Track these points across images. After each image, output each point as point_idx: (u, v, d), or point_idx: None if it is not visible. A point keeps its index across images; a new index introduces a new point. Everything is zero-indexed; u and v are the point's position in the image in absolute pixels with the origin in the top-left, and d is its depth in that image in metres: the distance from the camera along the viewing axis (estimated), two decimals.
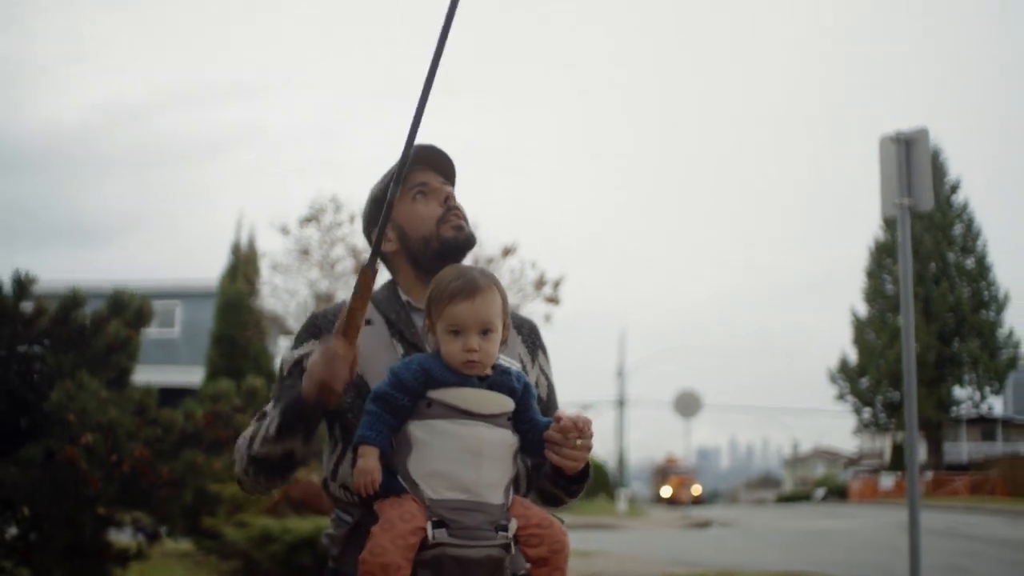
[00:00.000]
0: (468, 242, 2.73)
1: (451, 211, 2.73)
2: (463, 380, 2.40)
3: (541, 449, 2.46)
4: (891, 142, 8.27)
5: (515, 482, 2.47)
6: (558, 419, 2.44)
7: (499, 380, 2.44)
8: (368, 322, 2.60)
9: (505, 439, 2.41)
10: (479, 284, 2.46)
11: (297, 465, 2.52)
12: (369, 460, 2.32)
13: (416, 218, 2.71)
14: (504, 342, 2.50)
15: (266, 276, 21.57)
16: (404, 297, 2.72)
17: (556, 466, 2.48)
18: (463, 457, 2.34)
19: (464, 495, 2.32)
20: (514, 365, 2.53)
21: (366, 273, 2.37)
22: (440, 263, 2.66)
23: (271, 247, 22.46)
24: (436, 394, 2.38)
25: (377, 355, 2.56)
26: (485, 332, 2.43)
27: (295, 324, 24.92)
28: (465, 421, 2.37)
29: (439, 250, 2.70)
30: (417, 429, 2.36)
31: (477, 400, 2.39)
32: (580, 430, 2.43)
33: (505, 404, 2.43)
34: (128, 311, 8.13)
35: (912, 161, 8.21)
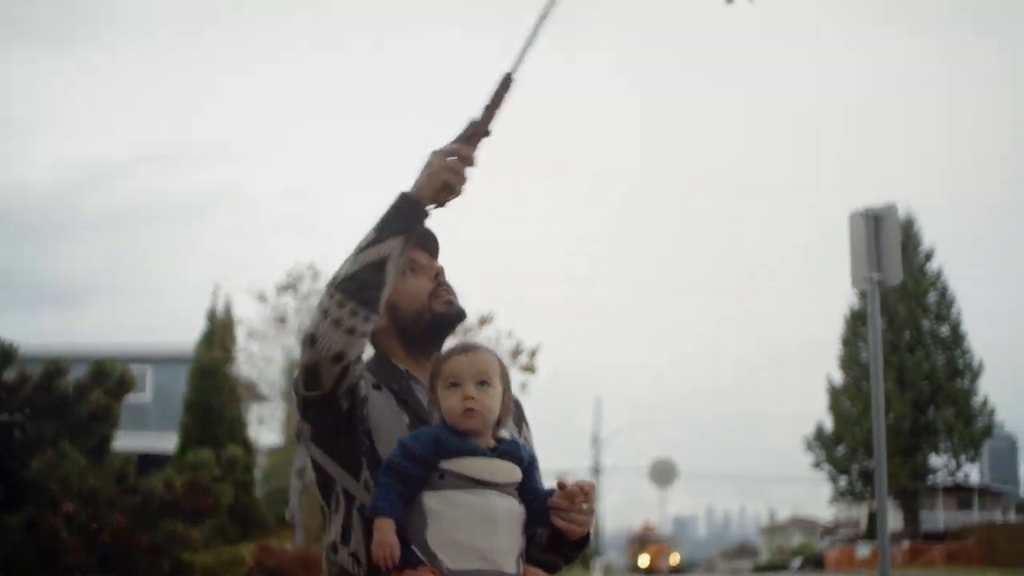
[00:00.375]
0: (459, 316, 2.83)
1: (441, 286, 2.83)
2: (474, 449, 2.46)
3: (544, 518, 2.53)
4: (861, 217, 8.45)
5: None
6: (561, 486, 2.53)
7: (508, 450, 2.51)
8: (377, 387, 2.68)
9: (515, 508, 2.48)
10: (475, 343, 2.64)
11: (381, 293, 2.57)
12: (387, 534, 2.37)
13: (407, 293, 2.78)
14: (501, 422, 2.57)
15: (242, 343, 21.64)
16: (401, 366, 2.78)
17: (557, 533, 2.55)
18: (479, 526, 2.40)
19: (481, 563, 2.39)
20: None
21: (507, 81, 2.65)
22: (431, 336, 2.78)
23: (247, 314, 22.47)
24: (449, 464, 2.44)
25: (387, 421, 2.63)
26: (482, 383, 2.51)
27: (269, 392, 24.90)
28: (478, 490, 2.43)
29: (431, 323, 2.79)
30: (431, 500, 2.42)
31: (489, 469, 2.45)
32: (586, 494, 2.52)
33: (515, 474, 2.50)
34: (110, 380, 8.21)
35: (881, 237, 8.40)
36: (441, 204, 2.63)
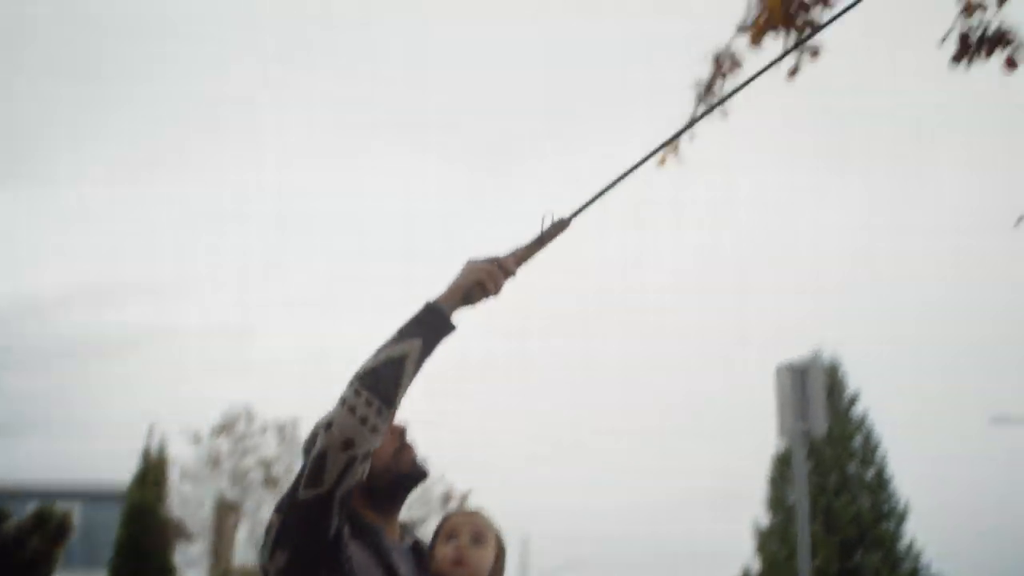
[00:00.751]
0: (422, 475, 2.98)
1: (406, 446, 2.97)
2: None
3: None
4: (787, 371, 8.85)
5: None
6: None
7: None
8: (352, 537, 2.78)
9: None
10: (477, 510, 2.84)
11: (398, 389, 2.66)
12: None
13: (374, 452, 2.89)
14: None
15: (175, 483, 21.47)
16: (367, 521, 2.88)
17: None
18: None
19: None
20: None
21: (563, 224, 2.86)
22: (396, 494, 2.92)
23: (181, 453, 22.26)
24: None
25: (365, 572, 2.73)
26: (477, 540, 2.70)
27: (200, 534, 24.55)
28: None
29: (395, 480, 2.92)
30: None
31: None
32: None
33: None
34: (50, 524, 8.26)
35: (806, 389, 8.78)
36: (473, 303, 2.78)
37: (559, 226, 2.89)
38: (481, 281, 2.78)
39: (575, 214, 2.90)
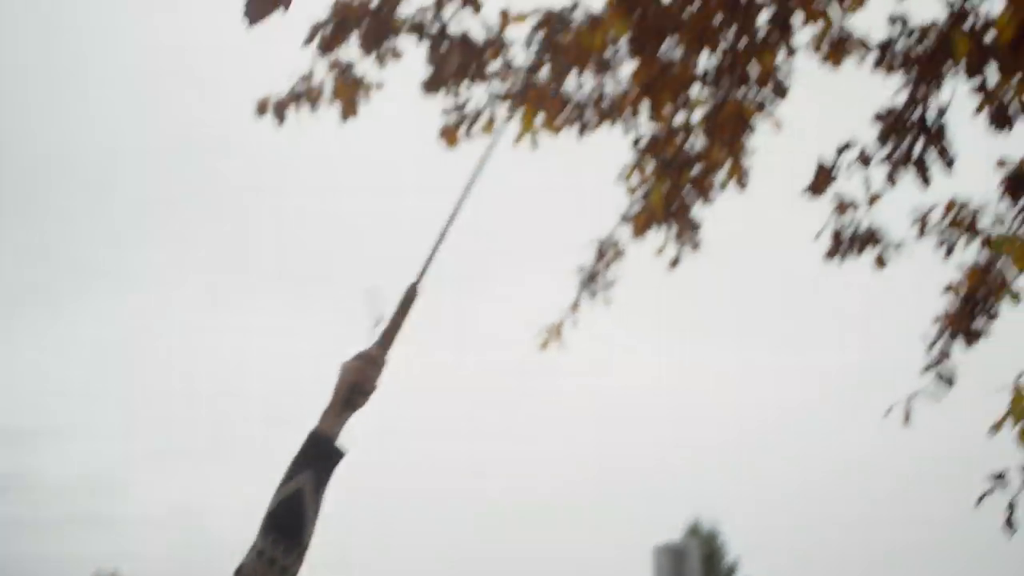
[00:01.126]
0: None
1: None
2: None
3: None
4: (664, 552, 8.86)
5: None
6: None
7: None
8: None
9: None
10: None
11: (301, 523, 2.60)
12: None
13: None
14: None
15: None
16: None
17: None
18: None
19: None
20: None
21: (413, 291, 2.77)
22: None
23: None
24: None
25: None
26: None
27: None
28: None
29: None
30: None
31: None
32: None
33: None
34: None
35: (683, 571, 8.78)
36: (357, 408, 2.71)
37: (411, 294, 2.85)
38: (355, 382, 2.72)
39: (420, 277, 2.87)
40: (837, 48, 4.39)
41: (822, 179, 4.08)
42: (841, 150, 4.19)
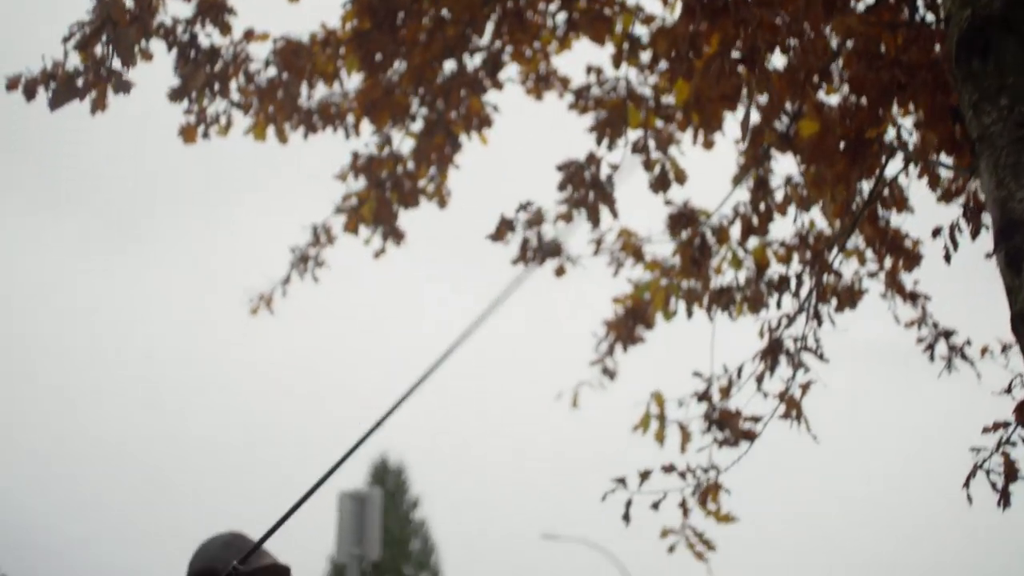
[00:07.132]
0: None
1: None
2: None
3: None
4: (348, 498, 9.39)
5: None
6: None
7: None
8: None
9: None
10: None
11: None
12: None
13: None
14: None
15: None
16: None
17: None
18: None
19: None
20: None
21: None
22: None
23: None
24: None
25: None
26: None
27: None
28: None
29: None
30: None
31: None
32: None
33: None
34: None
35: (365, 517, 9.34)
36: None
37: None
38: None
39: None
40: (538, 84, 4.99)
41: (503, 230, 4.65)
42: (520, 208, 4.71)
